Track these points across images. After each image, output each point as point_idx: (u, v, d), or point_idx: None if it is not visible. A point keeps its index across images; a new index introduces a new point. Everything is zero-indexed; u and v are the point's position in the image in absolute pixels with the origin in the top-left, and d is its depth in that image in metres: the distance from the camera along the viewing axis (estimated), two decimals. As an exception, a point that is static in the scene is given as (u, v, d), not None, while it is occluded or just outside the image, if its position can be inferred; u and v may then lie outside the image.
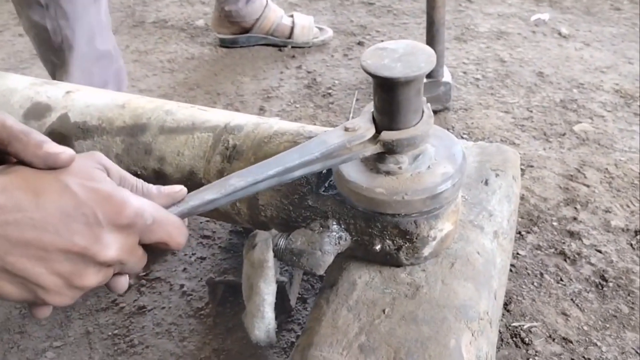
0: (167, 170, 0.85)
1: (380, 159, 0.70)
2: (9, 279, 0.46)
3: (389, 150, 0.67)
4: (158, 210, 0.52)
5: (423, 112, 0.68)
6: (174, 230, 0.53)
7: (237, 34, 2.07)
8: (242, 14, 2.01)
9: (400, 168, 0.69)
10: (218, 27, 2.08)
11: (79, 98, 0.93)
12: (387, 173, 0.70)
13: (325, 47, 2.05)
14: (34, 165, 0.47)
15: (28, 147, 0.47)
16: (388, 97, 0.64)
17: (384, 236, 0.74)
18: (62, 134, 0.90)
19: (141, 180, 0.56)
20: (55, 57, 1.29)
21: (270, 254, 0.75)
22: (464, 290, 0.74)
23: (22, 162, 0.48)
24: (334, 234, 0.74)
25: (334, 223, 0.75)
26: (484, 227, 0.83)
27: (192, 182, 0.84)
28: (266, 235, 0.76)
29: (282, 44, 2.06)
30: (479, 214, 0.85)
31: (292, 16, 2.06)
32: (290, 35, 2.04)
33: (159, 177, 0.86)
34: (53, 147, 0.48)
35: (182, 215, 0.57)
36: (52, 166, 0.48)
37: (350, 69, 1.89)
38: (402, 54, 0.63)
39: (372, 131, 0.67)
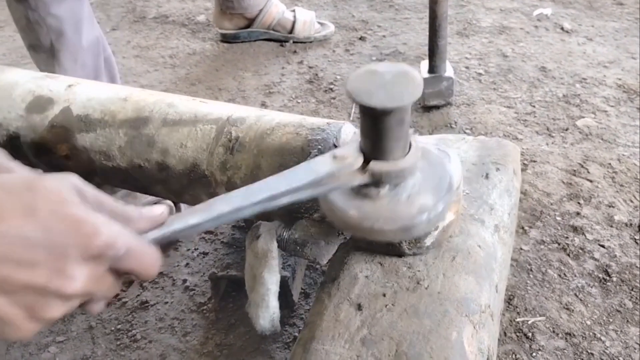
0: (170, 162, 0.85)
1: None
2: None
3: (376, 181, 0.65)
4: (132, 239, 0.49)
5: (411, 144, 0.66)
6: (147, 260, 0.50)
7: (238, 28, 2.07)
8: (244, 5, 2.01)
9: (378, 194, 0.68)
10: (219, 22, 2.07)
11: (81, 91, 0.93)
12: (365, 196, 0.67)
13: (326, 42, 2.04)
14: None
15: None
16: (370, 123, 0.63)
17: (387, 227, 0.74)
18: (64, 127, 0.90)
19: (121, 204, 0.51)
20: (42, 51, 1.28)
21: (274, 245, 0.75)
22: (465, 284, 0.73)
23: None
24: (337, 224, 0.74)
25: (337, 214, 0.74)
26: (484, 220, 0.83)
27: (195, 173, 0.84)
28: (270, 226, 0.76)
29: (283, 39, 2.06)
30: (479, 207, 0.84)
31: (293, 11, 2.06)
32: (292, 30, 2.03)
33: (162, 169, 0.86)
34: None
35: (163, 240, 0.54)
36: None
37: (352, 64, 1.89)
38: (389, 80, 0.61)
39: (361, 161, 0.65)
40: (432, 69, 1.55)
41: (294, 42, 2.04)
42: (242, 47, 2.07)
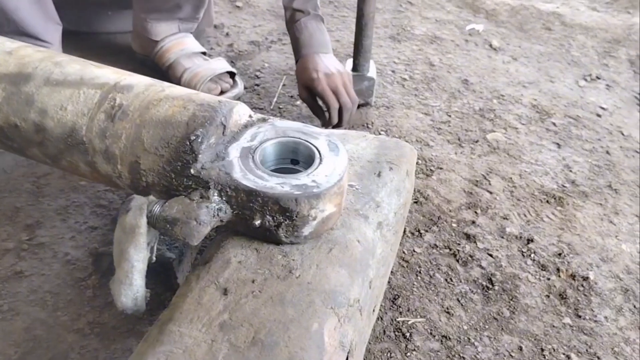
0: (47, 124, 0.80)
1: None
2: None
3: None
4: None
5: None
6: None
7: (146, 54, 1.69)
8: (147, 29, 1.63)
9: None
10: (133, 39, 1.75)
11: (-41, 38, 0.86)
12: None
13: (260, 30, 2.01)
14: None
15: None
16: None
17: (265, 211, 0.72)
18: None
19: None
20: None
21: (143, 220, 0.71)
22: (336, 276, 0.73)
23: None
24: (214, 205, 0.72)
25: (215, 194, 0.72)
26: (368, 216, 0.83)
27: (73, 138, 0.79)
28: (142, 201, 0.73)
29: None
30: (365, 203, 0.84)
31: (207, 57, 1.64)
32: (180, 80, 1.58)
33: (38, 131, 0.81)
34: None
35: None
36: None
37: (282, 54, 1.87)
38: None
39: None
40: (355, 68, 1.55)
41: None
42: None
